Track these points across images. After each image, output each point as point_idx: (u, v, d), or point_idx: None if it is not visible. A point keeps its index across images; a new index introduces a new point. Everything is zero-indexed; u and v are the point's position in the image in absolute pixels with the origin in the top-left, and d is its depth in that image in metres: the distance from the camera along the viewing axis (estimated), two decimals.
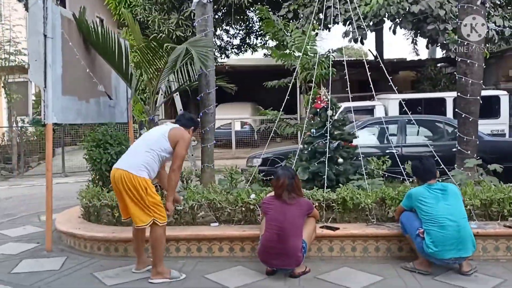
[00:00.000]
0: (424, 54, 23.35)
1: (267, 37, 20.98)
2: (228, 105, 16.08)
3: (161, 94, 6.47)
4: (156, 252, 3.97)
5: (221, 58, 19.69)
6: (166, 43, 5.47)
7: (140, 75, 6.20)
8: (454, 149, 6.03)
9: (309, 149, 5.61)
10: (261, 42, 21.71)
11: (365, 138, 7.68)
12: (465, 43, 5.54)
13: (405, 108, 6.52)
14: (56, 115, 4.90)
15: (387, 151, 7.49)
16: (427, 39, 13.20)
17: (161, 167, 4.13)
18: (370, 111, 11.68)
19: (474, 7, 5.46)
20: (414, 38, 17.31)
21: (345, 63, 5.84)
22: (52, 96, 4.83)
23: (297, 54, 6.31)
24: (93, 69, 5.83)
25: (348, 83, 5.74)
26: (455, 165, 5.76)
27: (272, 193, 4.21)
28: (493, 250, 4.25)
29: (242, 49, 21.01)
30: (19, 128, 12.72)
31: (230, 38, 21.30)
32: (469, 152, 5.63)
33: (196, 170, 6.68)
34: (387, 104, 11.91)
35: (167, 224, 4.02)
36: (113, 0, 15.74)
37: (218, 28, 17.57)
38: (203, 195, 4.93)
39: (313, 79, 5.60)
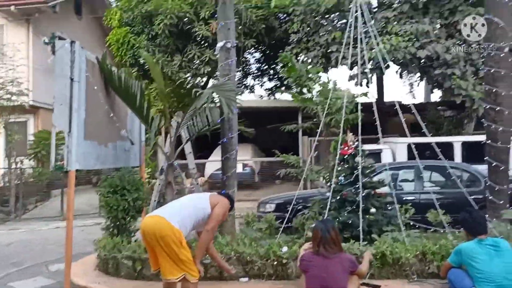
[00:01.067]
0: (419, 98, 23.76)
1: (265, 78, 21.37)
2: None
3: (185, 138, 6.28)
4: None
5: (217, 99, 19.74)
6: (192, 88, 5.33)
7: (161, 119, 6.03)
8: (473, 196, 5.88)
9: (337, 197, 5.38)
10: (258, 83, 21.97)
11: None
12: (494, 90, 5.49)
13: (415, 152, 6.41)
14: (78, 160, 4.67)
15: (406, 198, 7.32)
16: (432, 83, 13.35)
17: (195, 227, 4.00)
18: (377, 155, 11.56)
19: (502, 54, 5.45)
20: (418, 82, 17.55)
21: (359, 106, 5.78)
22: (76, 141, 4.60)
23: (318, 99, 6.19)
24: (114, 113, 5.65)
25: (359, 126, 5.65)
26: (487, 216, 5.56)
27: (308, 246, 3.98)
28: None
29: (239, 92, 21.19)
30: (19, 170, 12.33)
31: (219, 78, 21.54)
32: (501, 201, 5.45)
33: None
34: (395, 148, 11.82)
35: None
36: (115, 42, 15.79)
37: (216, 70, 17.72)
38: (232, 247, 4.64)
39: (341, 124, 5.43)
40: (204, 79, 15.89)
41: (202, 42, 14.94)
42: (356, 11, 5.86)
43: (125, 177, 5.78)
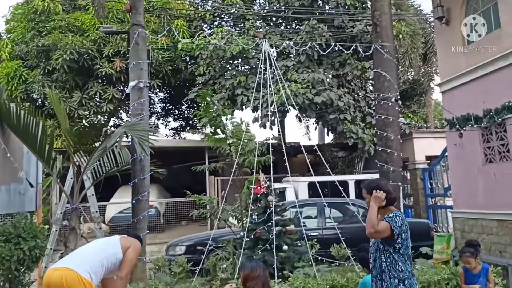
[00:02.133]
0: (314, 140, 25.41)
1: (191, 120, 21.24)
2: (130, 187, 15.32)
3: (87, 179, 5.93)
4: None
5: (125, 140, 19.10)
6: (100, 127, 5.14)
7: (66, 158, 5.66)
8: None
9: (251, 236, 5.50)
10: (162, 123, 21.72)
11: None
12: (384, 135, 6.18)
13: (318, 189, 6.88)
14: None
15: (311, 233, 7.72)
16: (327, 127, 14.46)
17: (106, 275, 3.68)
18: (281, 193, 12.05)
19: (390, 103, 6.20)
20: (315, 125, 18.82)
21: (271, 148, 6.10)
22: None
23: (232, 140, 6.38)
24: (10, 152, 5.18)
25: (271, 166, 5.93)
26: None
27: (229, 286, 3.97)
28: None
29: (153, 132, 20.72)
30: None
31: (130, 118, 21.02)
32: None
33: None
34: (297, 186, 12.44)
35: None
36: (5, 76, 14.56)
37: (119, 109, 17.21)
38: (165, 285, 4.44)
39: (253, 165, 5.65)
40: (106, 117, 15.29)
41: (105, 79, 14.49)
42: (265, 59, 6.26)
43: (20, 224, 5.25)
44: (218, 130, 6.33)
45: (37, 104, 15.02)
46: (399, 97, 6.43)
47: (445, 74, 8.17)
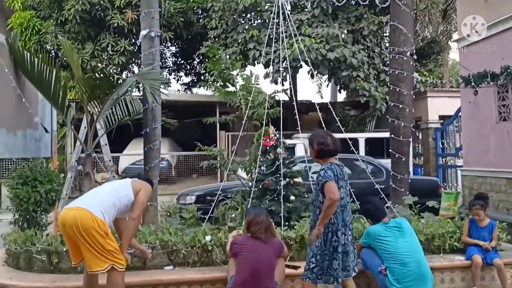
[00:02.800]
0: (326, 98, 25.19)
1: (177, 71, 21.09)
2: (142, 140, 15.56)
3: (100, 129, 6.05)
4: None
5: (135, 93, 19.16)
6: (115, 75, 5.18)
7: (79, 109, 5.76)
8: (376, 186, 6.52)
9: (260, 186, 5.61)
10: (174, 77, 21.63)
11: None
12: (397, 90, 6.10)
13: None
14: None
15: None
16: (340, 84, 14.29)
17: (118, 215, 3.80)
18: (291, 149, 12.14)
19: (404, 58, 6.09)
20: (327, 83, 18.60)
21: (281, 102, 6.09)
22: None
23: (241, 92, 6.38)
24: (25, 98, 5.28)
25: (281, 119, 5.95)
26: (390, 202, 6.17)
27: (236, 234, 4.12)
28: (439, 283, 4.55)
29: (165, 81, 20.70)
30: None
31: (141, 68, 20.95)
32: (402, 189, 6.10)
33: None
34: (307, 143, 12.50)
35: None
36: (18, 26, 14.52)
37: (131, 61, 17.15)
38: (157, 237, 4.61)
39: (263, 118, 5.67)
40: (119, 69, 15.30)
41: (117, 31, 14.37)
42: (278, 11, 6.10)
43: (37, 168, 5.43)
44: (228, 84, 6.32)
45: (51, 55, 15.03)
46: (414, 51, 6.28)
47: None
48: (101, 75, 5.34)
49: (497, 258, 4.53)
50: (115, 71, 15.10)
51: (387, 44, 13.71)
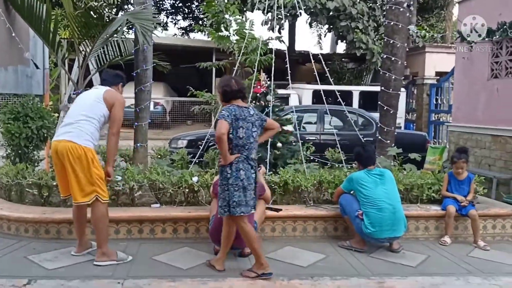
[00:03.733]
0: (326, 49, 24.83)
1: (179, 16, 20.51)
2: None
3: (93, 69, 6.03)
4: (100, 232, 3.77)
5: (128, 34, 18.74)
6: (105, 14, 5.10)
7: (70, 46, 5.70)
8: (366, 138, 6.65)
9: None
10: (172, 21, 21.13)
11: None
12: (391, 41, 6.06)
13: (322, 98, 6.95)
14: None
15: (309, 138, 7.97)
16: (337, 35, 14.05)
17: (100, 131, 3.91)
18: (285, 99, 12.16)
19: (401, 9, 5.99)
20: (325, 33, 18.26)
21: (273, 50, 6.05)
22: None
23: (235, 38, 6.31)
24: (15, 33, 5.22)
25: (273, 71, 5.94)
26: (376, 153, 6.31)
27: None
28: (414, 230, 4.79)
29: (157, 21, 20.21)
30: None
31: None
32: (388, 141, 6.22)
33: None
34: (301, 94, 12.51)
35: None
36: None
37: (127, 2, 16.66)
38: (145, 175, 4.75)
39: (254, 64, 5.66)
40: (114, 10, 14.91)
41: None
42: None
43: (28, 104, 5.47)
44: (222, 27, 6.22)
45: None
46: (412, 2, 6.17)
47: None
48: (91, 13, 5.23)
49: (473, 210, 4.72)
50: (110, 11, 14.74)
51: None
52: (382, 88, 6.25)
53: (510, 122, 6.60)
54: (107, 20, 5.24)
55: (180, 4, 19.81)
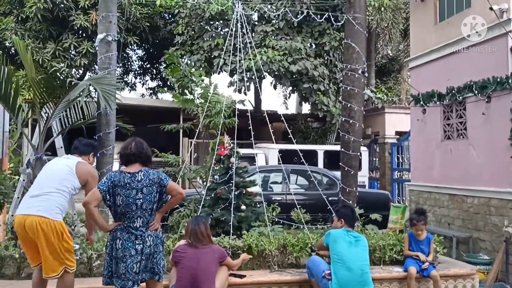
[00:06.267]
0: (292, 109, 25.61)
1: (146, 77, 20.86)
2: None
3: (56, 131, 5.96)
4: None
5: (95, 94, 18.82)
6: (67, 78, 5.14)
7: (30, 108, 5.66)
8: (331, 198, 6.75)
9: (212, 195, 5.68)
10: (140, 81, 21.41)
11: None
12: (349, 105, 6.35)
13: (287, 157, 7.09)
14: None
15: (275, 198, 8.00)
16: (301, 97, 14.61)
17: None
18: (252, 158, 12.27)
19: (356, 75, 6.34)
20: (290, 94, 18.92)
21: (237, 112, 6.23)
22: None
23: (199, 101, 6.46)
24: None
25: (235, 129, 6.07)
26: None
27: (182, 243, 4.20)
28: None
29: (119, 88, 20.42)
30: None
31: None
32: (350, 201, 6.30)
33: (75, 214, 6.10)
34: (267, 153, 12.69)
35: None
36: None
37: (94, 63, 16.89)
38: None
39: (218, 127, 5.77)
40: (81, 71, 15.04)
41: (80, 32, 14.15)
42: (237, 21, 6.23)
43: None
44: (186, 91, 6.38)
45: (11, 53, 14.63)
46: (366, 69, 6.56)
47: (415, 50, 8.36)
48: (54, 76, 5.27)
49: (434, 271, 4.78)
50: (77, 72, 14.87)
51: None
52: (342, 149, 6.45)
53: (464, 181, 6.88)
54: (70, 84, 5.27)
55: (149, 65, 20.21)
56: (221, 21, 14.30)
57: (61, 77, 5.33)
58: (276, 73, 12.89)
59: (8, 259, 4.39)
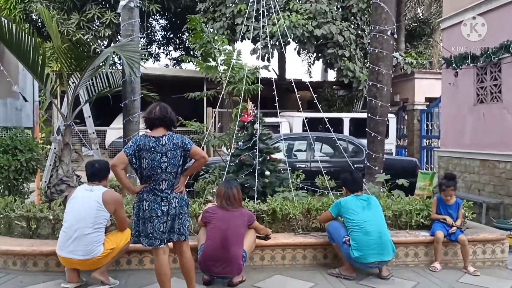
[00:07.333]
0: (316, 77, 25.17)
1: (172, 46, 20.80)
2: None
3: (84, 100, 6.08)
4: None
5: (119, 63, 18.98)
6: (92, 48, 5.18)
7: (58, 78, 5.75)
8: (356, 165, 6.66)
9: (236, 161, 5.71)
10: (163, 52, 21.42)
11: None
12: (376, 69, 6.17)
13: (313, 125, 7.00)
14: None
15: (300, 165, 7.98)
16: (326, 63, 14.28)
17: None
18: (276, 127, 12.22)
19: (385, 37, 6.13)
20: (314, 61, 18.55)
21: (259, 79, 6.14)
22: None
23: (223, 68, 6.40)
24: (3, 66, 5.27)
25: (259, 99, 6.00)
26: (364, 179, 6.32)
27: (214, 204, 4.31)
28: (404, 256, 4.75)
29: (143, 57, 20.49)
30: None
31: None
32: (376, 168, 6.24)
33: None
34: (292, 122, 12.60)
35: None
36: None
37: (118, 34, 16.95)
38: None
39: (241, 93, 5.73)
40: (105, 42, 15.13)
41: (103, 2, 14.15)
42: None
43: (17, 137, 5.48)
44: (209, 58, 6.32)
45: (37, 25, 14.81)
46: (395, 30, 6.32)
47: (447, 9, 7.98)
48: (79, 45, 5.31)
49: (462, 235, 4.71)
50: (101, 44, 14.97)
51: None
52: (369, 115, 6.32)
53: (497, 146, 6.67)
54: (95, 53, 5.31)
55: (172, 35, 20.13)
56: None
57: (87, 45, 5.32)
58: (300, 38, 12.58)
59: (43, 221, 4.58)
